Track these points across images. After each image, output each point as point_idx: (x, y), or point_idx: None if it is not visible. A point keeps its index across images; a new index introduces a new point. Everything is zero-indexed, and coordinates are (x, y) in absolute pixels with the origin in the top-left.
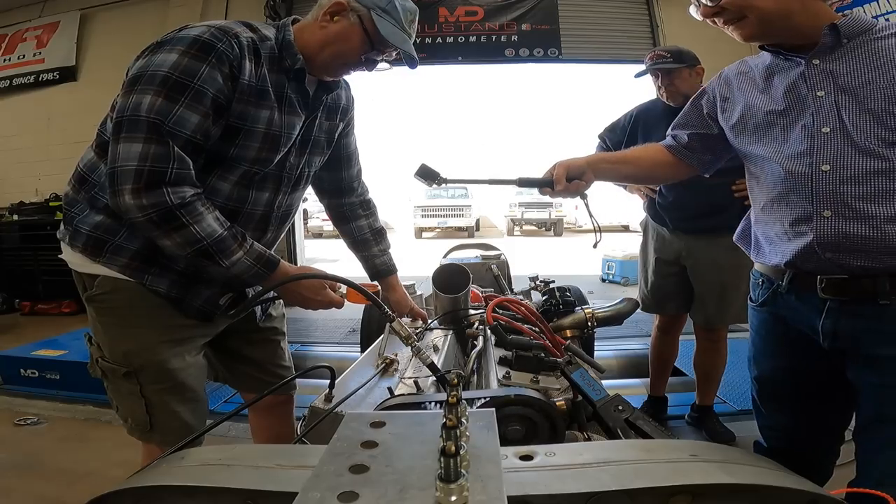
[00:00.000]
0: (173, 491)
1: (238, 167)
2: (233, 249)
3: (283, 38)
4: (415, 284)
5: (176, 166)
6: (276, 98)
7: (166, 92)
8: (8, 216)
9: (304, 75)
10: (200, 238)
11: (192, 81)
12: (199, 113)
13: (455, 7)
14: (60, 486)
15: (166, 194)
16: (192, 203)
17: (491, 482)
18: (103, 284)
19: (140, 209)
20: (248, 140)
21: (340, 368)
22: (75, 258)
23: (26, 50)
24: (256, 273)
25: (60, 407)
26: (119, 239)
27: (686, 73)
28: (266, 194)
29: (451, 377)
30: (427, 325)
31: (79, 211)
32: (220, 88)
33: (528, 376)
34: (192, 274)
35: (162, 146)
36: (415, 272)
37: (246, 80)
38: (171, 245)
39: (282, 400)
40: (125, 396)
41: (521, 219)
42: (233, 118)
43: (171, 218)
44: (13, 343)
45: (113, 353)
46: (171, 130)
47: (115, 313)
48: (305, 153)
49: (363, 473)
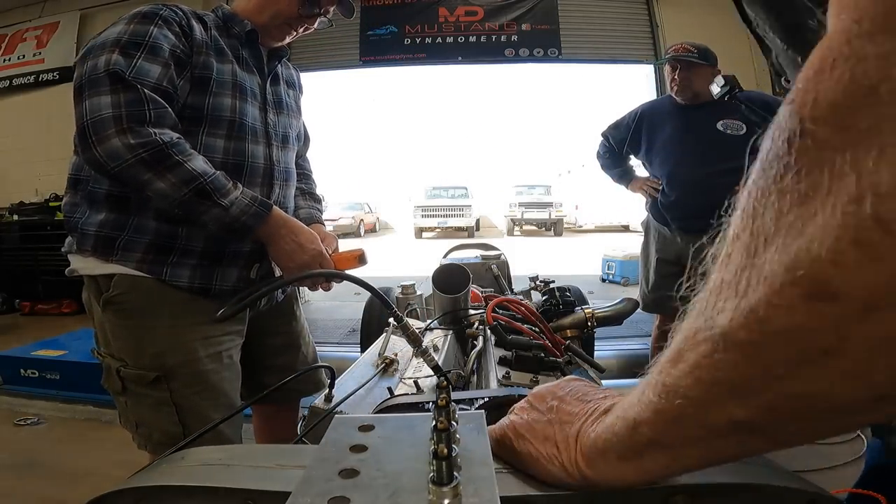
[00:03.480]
0: (173, 491)
1: (221, 119)
2: (228, 188)
3: (223, 12)
4: (415, 284)
5: (152, 107)
6: (234, 58)
7: (120, 49)
8: (8, 216)
9: (256, 36)
10: (196, 175)
11: (144, 39)
12: (160, 64)
13: (455, 7)
14: (60, 486)
15: (153, 134)
16: (180, 143)
17: (483, 484)
18: (120, 283)
19: (129, 149)
20: (220, 88)
21: (340, 368)
22: (87, 263)
23: (26, 50)
24: (256, 212)
25: (60, 407)
26: (128, 233)
27: (705, 72)
28: (261, 148)
29: (441, 380)
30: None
31: (80, 214)
32: (175, 43)
33: (528, 376)
34: (213, 254)
35: (131, 91)
36: (415, 272)
37: (199, 36)
38: (165, 187)
39: (288, 406)
40: (151, 409)
41: (521, 219)
42: (198, 69)
43: (162, 156)
44: (13, 343)
45: (139, 358)
46: (136, 78)
47: (137, 314)
48: (282, 114)
49: (353, 478)
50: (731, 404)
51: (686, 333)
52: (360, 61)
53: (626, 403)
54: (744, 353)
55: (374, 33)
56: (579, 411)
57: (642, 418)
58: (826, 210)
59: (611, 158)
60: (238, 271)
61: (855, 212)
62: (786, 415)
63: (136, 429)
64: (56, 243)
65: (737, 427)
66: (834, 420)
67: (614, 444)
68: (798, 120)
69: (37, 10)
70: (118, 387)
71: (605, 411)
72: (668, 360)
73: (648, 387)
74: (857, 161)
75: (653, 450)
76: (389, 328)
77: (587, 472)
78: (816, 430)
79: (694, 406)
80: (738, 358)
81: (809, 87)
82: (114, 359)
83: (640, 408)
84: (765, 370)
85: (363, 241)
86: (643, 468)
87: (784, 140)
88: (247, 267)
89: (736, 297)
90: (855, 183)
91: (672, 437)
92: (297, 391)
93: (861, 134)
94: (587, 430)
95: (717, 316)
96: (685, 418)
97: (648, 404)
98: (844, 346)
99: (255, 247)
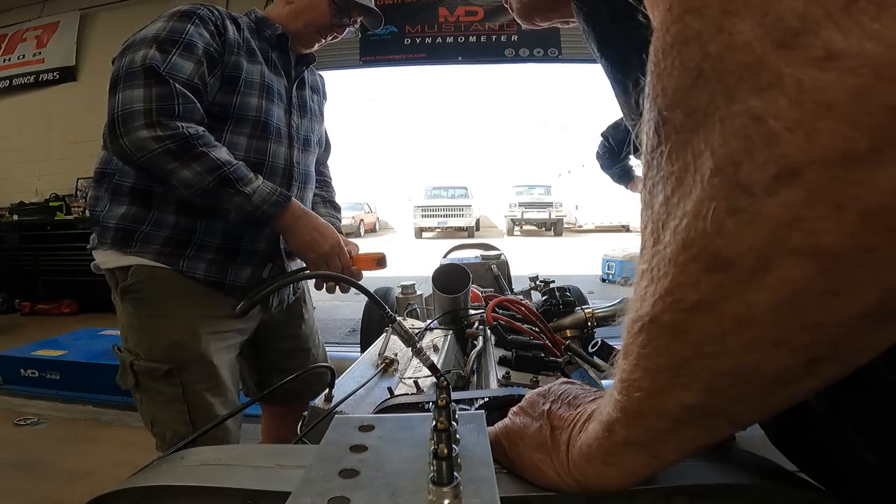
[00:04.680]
0: (173, 491)
1: (247, 118)
2: (250, 178)
3: (256, 15)
4: (415, 284)
5: (182, 102)
6: (264, 59)
7: (157, 45)
8: (8, 216)
9: (286, 41)
10: (220, 164)
11: (181, 37)
12: (193, 61)
13: (455, 7)
14: (60, 486)
15: (180, 127)
16: (206, 135)
17: (484, 484)
18: (138, 273)
19: (157, 140)
20: (248, 88)
21: (340, 368)
22: (107, 256)
23: (26, 50)
24: (276, 201)
25: (60, 407)
26: (147, 227)
27: None
28: (282, 148)
29: (442, 380)
30: (428, 324)
31: (102, 207)
32: (209, 42)
33: (528, 376)
34: (228, 251)
35: (163, 86)
36: (415, 272)
37: (232, 36)
38: (190, 176)
39: (298, 406)
40: (164, 405)
41: (521, 219)
42: (228, 69)
43: (189, 147)
44: (13, 343)
45: (153, 350)
46: (170, 73)
47: (153, 303)
48: (306, 117)
49: (353, 478)
50: (678, 390)
51: (627, 326)
52: (360, 61)
53: (602, 405)
54: (672, 336)
55: (374, 33)
56: (569, 417)
57: (613, 418)
58: (697, 186)
59: (610, 158)
60: (251, 269)
61: (720, 182)
62: (730, 394)
63: (152, 427)
64: (56, 243)
65: (693, 412)
66: (781, 391)
67: (595, 449)
68: (657, 110)
69: (37, 10)
70: (132, 382)
71: (591, 417)
72: (621, 355)
73: (614, 386)
74: (707, 137)
75: (630, 450)
76: (389, 328)
77: (580, 479)
78: (769, 403)
79: (650, 397)
80: (669, 341)
81: (655, 80)
82: (129, 353)
83: (610, 408)
84: (695, 349)
85: (363, 241)
86: (627, 470)
87: (653, 130)
88: (260, 265)
89: (654, 283)
90: (711, 157)
91: (642, 434)
92: (308, 392)
93: (703, 112)
94: (576, 437)
95: (643, 304)
96: (647, 411)
97: (616, 403)
98: (752, 311)
99: (268, 246)
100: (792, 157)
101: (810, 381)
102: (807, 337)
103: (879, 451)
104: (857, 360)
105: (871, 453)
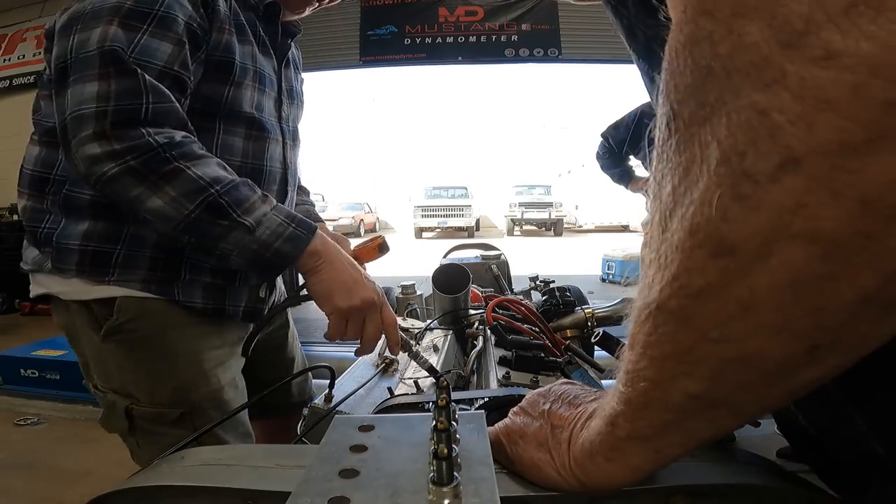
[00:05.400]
0: (173, 491)
1: (241, 115)
2: (253, 202)
3: None
4: (415, 284)
5: (152, 100)
6: (253, 36)
7: (119, 20)
8: (8, 216)
9: (278, 10)
10: (205, 185)
11: (153, 8)
12: (170, 41)
13: (455, 7)
14: (60, 486)
15: (146, 134)
16: (184, 143)
17: (484, 484)
18: (125, 309)
19: (111, 157)
20: (242, 77)
21: (340, 368)
22: (71, 286)
23: (26, 50)
24: (293, 235)
25: (60, 407)
26: (125, 247)
27: None
28: (278, 148)
29: (442, 380)
30: (428, 324)
31: (52, 224)
32: (191, 15)
33: (528, 376)
34: (226, 271)
35: (127, 77)
36: (415, 272)
37: (222, 8)
38: (163, 206)
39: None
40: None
41: (521, 219)
42: (220, 52)
43: (157, 161)
44: (13, 343)
45: (156, 393)
46: (137, 61)
47: (150, 344)
48: (293, 104)
49: (353, 478)
50: (683, 379)
51: (634, 317)
52: (360, 61)
53: (605, 402)
54: (678, 322)
55: (374, 33)
56: (570, 416)
57: (617, 412)
58: (704, 175)
59: (610, 159)
60: (248, 291)
61: (725, 171)
62: (734, 382)
63: None
64: None
65: (697, 402)
66: (783, 381)
67: (598, 446)
68: (669, 105)
69: (37, 10)
70: (124, 427)
71: (593, 415)
72: (627, 346)
73: (619, 379)
74: (714, 129)
75: (634, 445)
76: None
77: (581, 478)
78: (772, 394)
79: (655, 387)
80: (675, 328)
81: (668, 77)
82: (119, 395)
83: (615, 402)
84: (700, 335)
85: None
86: (629, 466)
87: (664, 124)
88: (257, 285)
89: (661, 270)
90: (717, 147)
91: (646, 427)
92: (302, 403)
93: (712, 107)
94: (577, 435)
95: (650, 292)
96: (651, 402)
97: (620, 396)
98: (756, 296)
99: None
100: (793, 148)
101: (812, 370)
102: (808, 322)
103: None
104: (859, 350)
105: (878, 441)
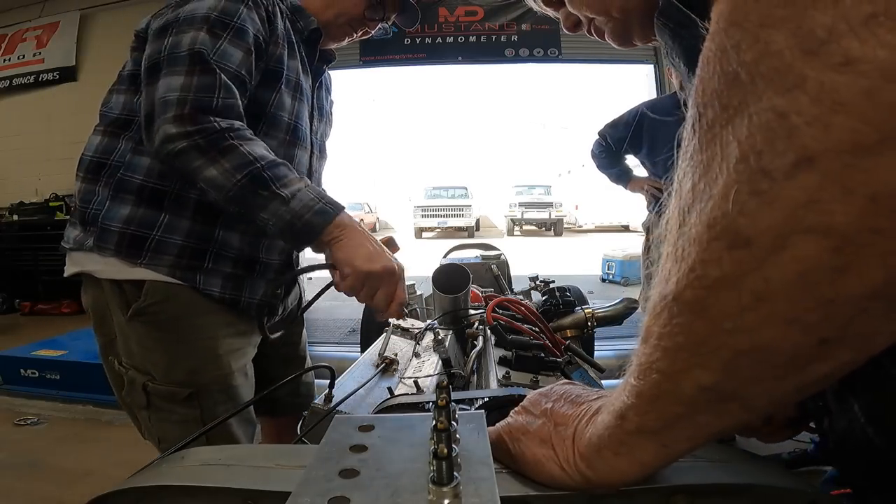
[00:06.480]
0: (173, 491)
1: (281, 121)
2: (291, 179)
3: (291, 3)
4: (415, 284)
5: (222, 95)
6: (298, 55)
7: (208, 27)
8: (8, 216)
9: (319, 36)
10: (252, 160)
11: (233, 20)
12: (242, 49)
13: (455, 7)
14: (60, 486)
15: (214, 121)
16: (242, 129)
17: (484, 484)
18: (154, 292)
19: (184, 136)
20: (287, 86)
21: (340, 368)
22: (108, 265)
23: (26, 50)
24: (321, 209)
25: (60, 407)
26: (159, 232)
27: None
28: (306, 156)
29: (442, 380)
30: (428, 324)
31: (99, 205)
32: (259, 28)
33: (528, 376)
34: (245, 264)
35: (207, 75)
36: (415, 272)
37: (279, 25)
38: (217, 175)
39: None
40: (177, 425)
41: (521, 219)
42: (272, 62)
43: (218, 140)
44: (13, 343)
45: (171, 372)
46: (218, 62)
47: (173, 326)
48: (322, 121)
49: (353, 478)
50: (695, 369)
51: (649, 310)
52: (360, 61)
53: (613, 397)
54: (693, 312)
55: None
56: (573, 413)
57: (627, 405)
58: (723, 173)
59: (607, 158)
60: (266, 285)
61: (744, 168)
62: (745, 374)
63: (159, 444)
64: (56, 243)
65: (708, 395)
66: (793, 374)
67: (606, 440)
68: (695, 108)
69: (37, 10)
70: (142, 402)
71: (598, 411)
72: (640, 340)
73: (629, 373)
74: (735, 130)
75: (642, 438)
76: (389, 328)
77: (587, 473)
78: (781, 387)
79: (667, 379)
80: (690, 319)
81: (698, 82)
82: (139, 372)
83: (625, 395)
84: (715, 326)
85: None
86: (637, 460)
87: (690, 126)
88: (274, 280)
89: (678, 263)
90: (737, 147)
91: (656, 420)
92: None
93: (735, 109)
94: (582, 430)
95: (667, 285)
96: (663, 395)
97: (631, 389)
98: (769, 287)
99: (282, 259)
100: (809, 147)
101: (822, 365)
102: (818, 314)
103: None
104: (869, 346)
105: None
